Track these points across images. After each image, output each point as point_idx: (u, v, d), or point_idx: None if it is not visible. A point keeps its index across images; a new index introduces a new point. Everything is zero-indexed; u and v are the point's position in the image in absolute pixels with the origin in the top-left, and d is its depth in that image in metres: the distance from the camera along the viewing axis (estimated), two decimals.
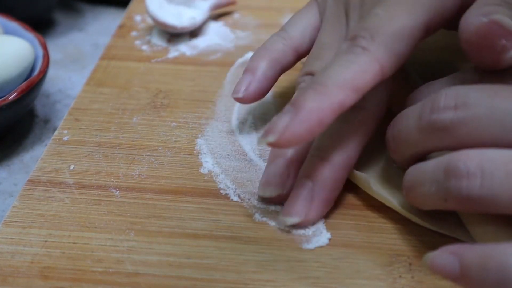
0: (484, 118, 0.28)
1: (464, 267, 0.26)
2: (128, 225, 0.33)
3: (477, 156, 0.27)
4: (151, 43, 0.49)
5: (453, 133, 0.29)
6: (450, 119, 0.29)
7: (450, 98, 0.29)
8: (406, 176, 0.31)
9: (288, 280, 0.31)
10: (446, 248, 0.27)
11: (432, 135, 0.30)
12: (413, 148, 0.31)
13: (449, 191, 0.28)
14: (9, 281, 0.30)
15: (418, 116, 0.30)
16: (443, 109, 0.29)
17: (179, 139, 0.39)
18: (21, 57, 0.41)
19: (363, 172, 0.35)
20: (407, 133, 0.31)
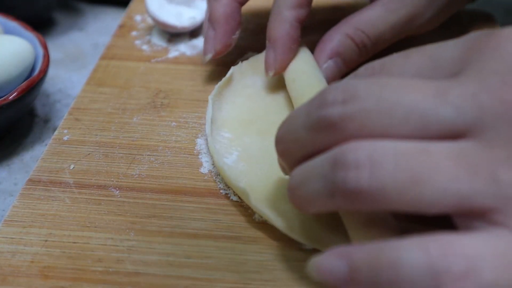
0: (373, 111, 0.26)
1: (353, 269, 0.24)
2: (128, 224, 0.33)
3: (366, 147, 0.25)
4: (151, 43, 0.49)
5: (342, 129, 0.26)
6: (338, 114, 0.26)
7: (338, 92, 0.27)
8: (292, 177, 0.28)
9: (288, 280, 0.31)
10: (332, 251, 0.25)
11: (320, 133, 0.27)
12: (302, 149, 0.28)
13: (337, 184, 0.25)
14: (9, 281, 0.30)
15: (306, 113, 0.28)
16: (331, 104, 0.26)
17: (179, 139, 0.39)
18: (21, 57, 0.41)
19: (247, 184, 0.35)
20: (295, 133, 0.28)
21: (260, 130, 0.39)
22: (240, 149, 0.38)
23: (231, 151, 0.38)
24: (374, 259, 0.24)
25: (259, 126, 0.40)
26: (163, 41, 0.49)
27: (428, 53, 0.29)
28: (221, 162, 0.36)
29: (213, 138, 0.38)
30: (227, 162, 0.37)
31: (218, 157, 0.36)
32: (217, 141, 0.38)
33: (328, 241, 0.32)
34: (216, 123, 0.39)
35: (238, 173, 0.36)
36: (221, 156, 0.37)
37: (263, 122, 0.40)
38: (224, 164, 0.36)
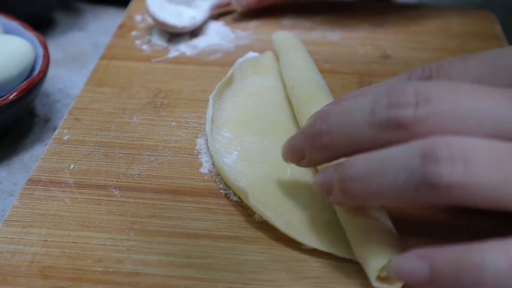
0: (447, 115, 0.26)
1: (435, 270, 0.25)
2: (128, 224, 0.33)
3: (459, 142, 0.25)
4: (151, 43, 0.49)
5: (413, 130, 0.27)
6: (412, 115, 0.27)
7: (410, 93, 0.27)
8: (350, 167, 0.28)
9: (288, 280, 0.31)
10: (413, 252, 0.26)
11: (387, 132, 0.27)
12: (356, 144, 0.29)
13: (427, 178, 0.25)
14: (9, 281, 0.30)
15: (371, 111, 0.28)
16: (403, 105, 0.27)
17: (179, 139, 0.39)
18: (21, 57, 0.41)
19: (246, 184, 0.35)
20: (353, 128, 0.28)
21: (260, 130, 0.39)
22: (240, 149, 0.38)
23: (231, 151, 0.38)
24: (456, 261, 0.24)
25: (259, 126, 0.40)
26: (163, 41, 0.49)
27: (487, 59, 0.29)
28: (221, 162, 0.36)
29: (213, 138, 0.38)
30: (226, 162, 0.37)
31: (218, 157, 0.36)
32: (217, 141, 0.38)
33: (327, 241, 0.32)
34: (216, 123, 0.39)
35: (237, 173, 0.36)
36: (221, 156, 0.37)
37: (263, 122, 0.40)
38: (224, 164, 0.36)
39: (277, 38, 0.46)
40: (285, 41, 0.45)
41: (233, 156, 0.37)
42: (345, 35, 0.51)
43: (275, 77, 0.44)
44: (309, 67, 0.42)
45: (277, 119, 0.40)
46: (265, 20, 0.52)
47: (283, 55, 0.44)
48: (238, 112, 0.41)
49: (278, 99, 0.42)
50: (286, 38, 0.46)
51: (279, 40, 0.46)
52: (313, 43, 0.49)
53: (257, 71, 0.44)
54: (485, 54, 0.30)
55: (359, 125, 0.28)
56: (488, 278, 0.24)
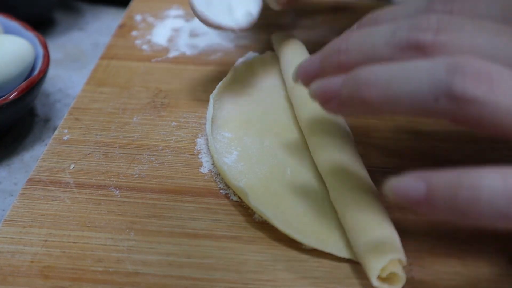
0: (465, 44, 0.27)
1: (431, 190, 0.25)
2: (128, 224, 0.33)
3: (485, 64, 0.26)
4: (151, 43, 0.49)
5: (431, 53, 0.28)
6: (432, 39, 0.28)
7: (433, 20, 0.28)
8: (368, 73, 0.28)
9: (288, 280, 0.31)
10: (411, 173, 0.26)
11: (405, 53, 0.28)
12: (373, 59, 0.29)
13: (451, 89, 0.26)
14: (9, 281, 0.30)
15: (391, 33, 0.29)
16: (424, 29, 0.28)
17: (179, 139, 0.39)
18: (22, 57, 0.41)
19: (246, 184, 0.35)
20: (372, 48, 0.29)
21: (260, 130, 0.39)
22: (240, 149, 0.38)
23: (231, 151, 0.38)
24: (454, 181, 0.25)
25: (259, 126, 0.40)
26: (163, 41, 0.49)
27: None
28: (221, 161, 0.36)
29: (213, 138, 0.38)
30: (227, 162, 0.37)
31: (218, 156, 0.36)
32: (217, 141, 0.38)
33: (328, 241, 0.32)
34: (217, 123, 0.39)
35: (237, 173, 0.36)
36: (221, 156, 0.37)
37: (263, 122, 0.40)
38: (224, 164, 0.36)
39: (277, 39, 0.46)
40: (285, 42, 0.45)
41: (233, 156, 0.37)
42: None
43: (275, 77, 0.44)
44: None
45: (277, 119, 0.40)
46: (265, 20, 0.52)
47: (283, 55, 0.44)
48: (238, 112, 0.41)
49: (278, 99, 0.42)
50: (286, 38, 0.46)
51: (279, 41, 0.46)
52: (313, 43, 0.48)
53: (257, 71, 0.44)
54: None
55: (378, 45, 0.29)
56: (483, 198, 0.24)
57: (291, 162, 0.37)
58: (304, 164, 0.37)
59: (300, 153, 0.38)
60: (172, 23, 0.52)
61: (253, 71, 0.44)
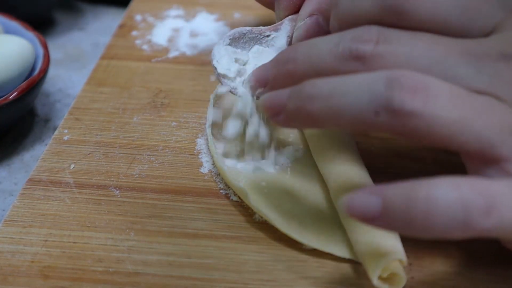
0: (402, 55, 0.28)
1: (387, 203, 0.25)
2: (128, 224, 0.33)
3: (422, 77, 0.27)
4: (151, 43, 0.49)
5: (369, 64, 0.29)
6: (370, 51, 0.29)
7: (373, 33, 0.29)
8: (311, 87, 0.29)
9: (288, 280, 0.31)
10: (365, 189, 0.26)
11: (346, 63, 0.29)
12: (317, 71, 0.30)
13: (389, 102, 0.26)
14: (9, 281, 0.30)
15: (336, 43, 0.30)
16: (364, 41, 0.29)
17: (179, 139, 0.39)
18: (22, 57, 0.41)
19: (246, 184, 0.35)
20: (317, 57, 0.30)
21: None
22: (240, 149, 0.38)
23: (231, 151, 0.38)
24: (408, 194, 0.25)
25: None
26: (163, 41, 0.49)
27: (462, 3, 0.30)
28: (221, 162, 0.36)
29: (213, 138, 0.38)
30: (227, 162, 0.37)
31: (218, 157, 0.36)
32: (217, 141, 0.38)
33: (327, 241, 0.32)
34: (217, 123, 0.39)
35: (237, 173, 0.36)
36: (221, 156, 0.37)
37: None
38: (224, 164, 0.36)
39: None
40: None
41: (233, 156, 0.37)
42: None
43: None
44: None
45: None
46: (265, 20, 0.52)
47: None
48: None
49: None
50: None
51: None
52: None
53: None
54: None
55: (323, 55, 0.30)
56: (439, 209, 0.25)
57: (292, 162, 0.37)
58: (304, 164, 0.37)
59: (300, 153, 0.38)
60: (172, 23, 0.52)
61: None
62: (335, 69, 0.30)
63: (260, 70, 0.34)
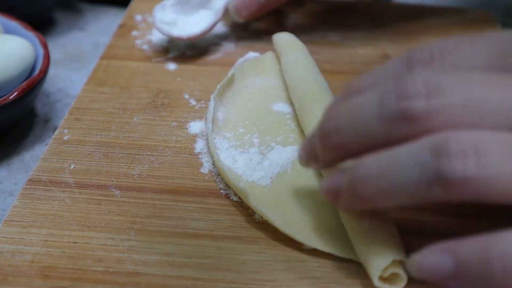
0: (460, 107, 0.25)
1: (460, 263, 0.24)
2: (128, 224, 0.33)
3: (469, 136, 0.25)
4: (152, 43, 0.49)
5: (426, 123, 0.26)
6: (424, 107, 0.26)
7: (420, 84, 0.26)
8: (359, 168, 0.28)
9: (288, 280, 0.31)
10: (434, 246, 0.25)
11: (399, 125, 0.26)
12: (368, 142, 0.28)
13: (440, 173, 0.25)
14: (9, 281, 0.30)
15: (379, 104, 0.27)
16: (414, 97, 0.26)
17: (179, 139, 0.39)
18: (22, 57, 0.41)
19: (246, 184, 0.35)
20: (363, 124, 0.27)
21: (260, 130, 0.39)
22: (240, 149, 0.38)
23: (231, 151, 0.38)
24: (483, 251, 0.24)
25: (260, 127, 0.40)
26: (163, 41, 0.49)
27: (498, 43, 0.28)
28: (221, 162, 0.36)
29: (214, 138, 0.38)
30: (227, 162, 0.37)
31: (219, 157, 0.36)
32: (217, 141, 0.38)
33: (327, 241, 0.32)
34: (217, 123, 0.39)
35: (237, 173, 0.36)
36: (221, 156, 0.37)
37: (263, 122, 0.40)
38: (224, 164, 0.36)
39: (278, 39, 0.46)
40: (287, 42, 0.45)
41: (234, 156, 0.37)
42: (345, 35, 0.51)
43: (276, 78, 0.44)
44: (311, 67, 0.42)
45: (278, 120, 0.40)
46: (265, 20, 0.52)
47: (285, 55, 0.44)
48: (239, 112, 0.41)
49: (279, 99, 0.42)
50: (287, 39, 0.46)
51: (280, 41, 0.46)
52: (313, 43, 0.48)
53: (258, 71, 0.44)
54: (495, 36, 0.28)
55: (369, 121, 0.27)
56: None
57: (292, 162, 0.37)
58: None
59: None
60: None
61: (253, 71, 0.44)
62: (386, 134, 0.27)
63: (308, 144, 0.31)
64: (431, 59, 0.28)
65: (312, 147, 0.30)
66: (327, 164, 0.30)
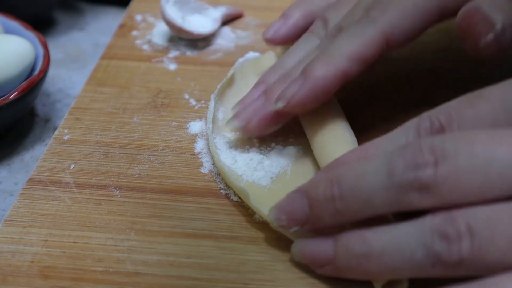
0: (466, 171, 0.26)
1: None
2: (128, 224, 0.33)
3: (463, 217, 0.26)
4: (152, 43, 0.49)
5: (436, 191, 0.26)
6: (433, 176, 0.26)
7: (428, 152, 0.26)
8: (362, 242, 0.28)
9: (288, 280, 0.31)
10: None
11: (409, 194, 0.27)
12: (374, 210, 0.28)
13: (440, 256, 0.26)
14: (9, 281, 0.30)
15: (388, 173, 0.27)
16: (423, 165, 0.26)
17: (179, 139, 0.39)
18: (22, 56, 0.41)
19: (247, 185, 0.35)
20: (370, 192, 0.27)
21: None
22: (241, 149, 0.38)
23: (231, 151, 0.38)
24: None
25: None
26: (163, 41, 0.49)
27: (498, 99, 0.28)
28: (222, 162, 0.36)
29: (214, 138, 0.38)
30: (227, 162, 0.37)
31: (219, 157, 0.36)
32: (218, 141, 0.38)
33: None
34: (217, 123, 0.39)
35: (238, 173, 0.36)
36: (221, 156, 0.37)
37: None
38: (224, 165, 0.36)
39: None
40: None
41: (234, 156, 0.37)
42: None
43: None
44: None
45: None
46: (265, 20, 0.52)
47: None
48: None
49: None
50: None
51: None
52: None
53: (259, 71, 0.44)
54: (494, 92, 0.28)
55: (376, 189, 0.27)
56: None
57: (292, 162, 0.37)
58: (305, 164, 0.37)
59: (301, 153, 0.38)
60: None
61: (254, 72, 0.44)
62: (392, 205, 0.27)
63: (290, 204, 0.30)
64: (440, 129, 0.28)
65: (300, 208, 0.30)
66: (317, 227, 0.30)
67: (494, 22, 0.31)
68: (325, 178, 0.29)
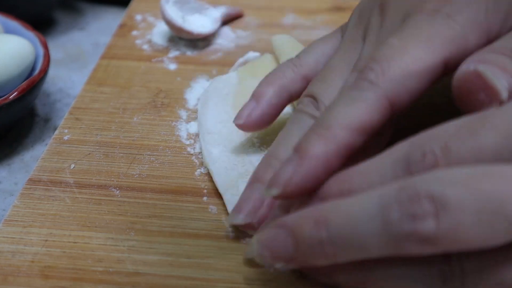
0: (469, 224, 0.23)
1: None
2: (128, 224, 0.33)
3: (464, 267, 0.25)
4: (152, 43, 0.49)
5: (437, 243, 0.24)
6: (434, 229, 0.23)
7: (426, 199, 0.24)
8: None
9: (288, 280, 0.31)
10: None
11: (407, 245, 0.24)
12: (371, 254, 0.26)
13: None
14: (9, 280, 0.30)
15: (383, 220, 0.24)
16: (421, 216, 0.24)
17: (179, 139, 0.39)
18: (22, 56, 0.41)
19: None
20: (364, 239, 0.25)
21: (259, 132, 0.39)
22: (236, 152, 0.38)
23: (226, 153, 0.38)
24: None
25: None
26: (163, 41, 0.49)
27: (501, 128, 0.25)
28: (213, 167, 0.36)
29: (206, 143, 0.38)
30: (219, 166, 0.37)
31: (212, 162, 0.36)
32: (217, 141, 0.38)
33: None
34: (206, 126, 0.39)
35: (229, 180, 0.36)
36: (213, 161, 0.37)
37: None
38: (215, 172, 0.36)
39: (277, 41, 0.46)
40: (286, 44, 0.45)
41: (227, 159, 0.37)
42: None
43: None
44: None
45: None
46: (265, 20, 0.52)
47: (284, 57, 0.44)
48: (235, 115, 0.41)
49: None
50: (287, 40, 0.45)
51: (279, 43, 0.45)
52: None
53: (256, 73, 0.44)
54: (496, 119, 0.25)
55: (370, 236, 0.25)
56: None
57: None
58: None
59: None
60: None
61: (252, 74, 0.44)
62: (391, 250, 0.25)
63: (274, 240, 0.27)
64: (435, 164, 0.25)
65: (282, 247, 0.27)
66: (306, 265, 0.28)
67: (499, 91, 0.26)
68: (311, 217, 0.26)
